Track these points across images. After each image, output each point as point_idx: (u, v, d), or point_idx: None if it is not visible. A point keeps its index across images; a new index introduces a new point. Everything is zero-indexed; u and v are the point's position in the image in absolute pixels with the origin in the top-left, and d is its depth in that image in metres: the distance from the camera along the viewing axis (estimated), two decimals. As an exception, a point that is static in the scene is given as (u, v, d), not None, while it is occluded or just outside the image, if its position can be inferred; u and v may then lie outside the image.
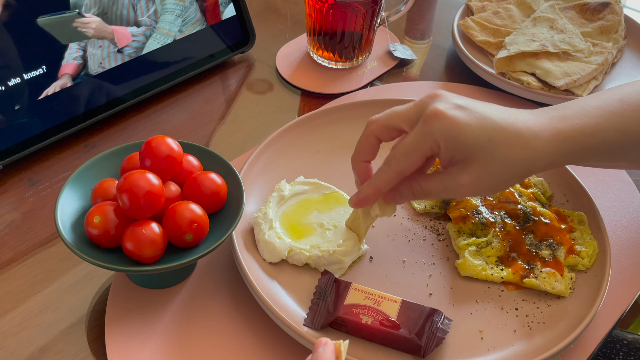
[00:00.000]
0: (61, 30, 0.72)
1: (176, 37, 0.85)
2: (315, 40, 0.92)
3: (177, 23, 0.83)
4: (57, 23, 0.71)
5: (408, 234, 0.70)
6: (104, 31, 0.76)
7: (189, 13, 0.83)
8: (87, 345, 0.60)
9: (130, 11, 0.77)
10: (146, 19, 0.79)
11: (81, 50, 0.77)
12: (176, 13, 0.81)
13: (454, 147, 0.55)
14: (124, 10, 0.76)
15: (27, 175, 0.76)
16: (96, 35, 0.74)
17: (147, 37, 0.80)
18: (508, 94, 0.90)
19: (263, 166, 0.74)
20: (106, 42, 0.78)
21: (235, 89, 0.92)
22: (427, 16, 1.11)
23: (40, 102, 0.76)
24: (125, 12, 0.76)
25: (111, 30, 0.77)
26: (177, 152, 0.61)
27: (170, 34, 0.84)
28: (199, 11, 0.85)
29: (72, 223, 0.59)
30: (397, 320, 0.58)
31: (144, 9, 0.78)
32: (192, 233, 0.58)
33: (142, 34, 0.81)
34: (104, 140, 0.81)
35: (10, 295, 0.64)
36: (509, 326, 0.62)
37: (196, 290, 0.64)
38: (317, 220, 0.68)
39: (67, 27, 0.74)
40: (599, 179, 0.79)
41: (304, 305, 0.62)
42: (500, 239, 0.67)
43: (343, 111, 0.80)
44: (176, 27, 0.83)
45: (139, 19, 0.79)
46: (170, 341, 0.60)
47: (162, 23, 0.80)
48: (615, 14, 0.98)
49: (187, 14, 0.83)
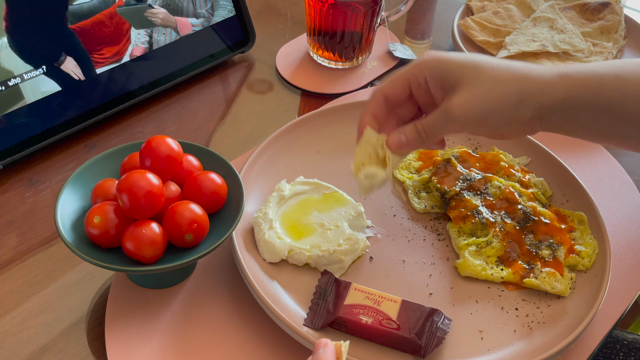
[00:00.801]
0: (135, 18, 0.85)
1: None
2: (315, 40, 0.92)
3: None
4: (133, 12, 0.84)
5: (408, 234, 0.70)
6: (169, 21, 0.87)
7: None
8: (87, 345, 0.60)
9: (189, 4, 0.89)
10: (204, 12, 0.90)
11: (148, 36, 0.86)
12: (228, 9, 0.92)
13: (441, 73, 0.56)
14: (185, 3, 0.88)
15: (27, 175, 0.76)
16: (162, 24, 0.87)
17: (204, 28, 0.91)
18: (508, 94, 0.90)
19: (263, 166, 0.74)
20: (169, 30, 0.88)
21: (235, 89, 0.92)
22: (427, 16, 1.11)
23: (41, 101, 0.76)
24: (185, 4, 0.88)
25: (175, 20, 0.88)
26: (177, 152, 0.61)
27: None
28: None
29: (72, 223, 0.59)
30: (397, 320, 0.58)
31: (202, 2, 0.90)
32: (192, 233, 0.58)
33: (200, 24, 0.90)
34: (104, 140, 0.81)
35: (10, 295, 0.64)
36: (509, 326, 0.62)
37: (196, 290, 0.64)
38: (318, 220, 0.68)
39: (139, 16, 0.85)
40: (599, 178, 0.79)
41: (304, 305, 0.62)
42: (500, 239, 0.67)
43: (343, 111, 0.80)
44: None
45: (197, 11, 0.89)
46: (170, 341, 0.60)
47: (216, 17, 0.92)
48: (615, 14, 0.98)
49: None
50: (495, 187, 0.71)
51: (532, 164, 0.77)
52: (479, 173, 0.73)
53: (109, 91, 0.82)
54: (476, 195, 0.71)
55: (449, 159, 0.74)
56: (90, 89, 0.80)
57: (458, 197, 0.70)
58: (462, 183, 0.72)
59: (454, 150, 0.76)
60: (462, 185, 0.71)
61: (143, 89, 0.85)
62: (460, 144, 0.80)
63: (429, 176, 0.73)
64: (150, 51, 0.85)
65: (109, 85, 0.82)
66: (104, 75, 0.81)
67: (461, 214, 0.69)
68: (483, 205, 0.70)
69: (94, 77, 0.80)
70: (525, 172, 0.75)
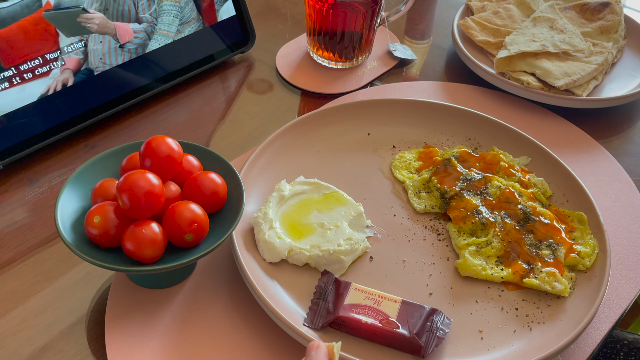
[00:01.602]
0: (65, 24, 0.74)
1: (175, 38, 0.85)
2: (315, 40, 0.92)
3: (174, 24, 0.84)
4: (63, 17, 0.73)
5: (408, 234, 0.70)
6: (107, 27, 0.77)
7: (185, 12, 0.84)
8: (87, 345, 0.60)
9: (131, 8, 0.78)
10: (147, 16, 0.81)
11: (82, 45, 0.78)
12: (173, 14, 0.83)
13: None
14: (125, 7, 0.77)
15: (27, 175, 0.76)
16: (99, 30, 0.76)
17: (149, 35, 0.81)
18: (508, 94, 0.90)
19: (263, 166, 0.73)
20: (107, 37, 0.79)
21: (235, 89, 0.92)
22: (427, 16, 1.11)
23: (41, 101, 0.76)
24: (126, 8, 0.78)
25: (114, 26, 0.78)
26: (177, 152, 0.61)
27: (170, 35, 0.84)
28: (195, 10, 0.85)
29: (72, 223, 0.59)
30: (397, 320, 0.58)
31: (145, 6, 0.79)
32: (192, 233, 0.58)
33: (143, 30, 0.81)
34: (104, 140, 0.81)
35: (10, 295, 0.64)
36: (509, 326, 0.62)
37: (196, 290, 0.64)
38: (317, 220, 0.68)
39: (71, 22, 0.75)
40: (599, 179, 0.79)
41: (304, 305, 0.62)
42: (500, 239, 0.67)
43: (343, 111, 0.80)
44: (174, 28, 0.84)
45: (140, 16, 0.80)
46: (170, 341, 0.60)
47: (160, 25, 0.82)
48: (615, 14, 0.98)
49: (183, 13, 0.84)
50: (495, 187, 0.71)
51: (532, 164, 0.77)
52: (479, 173, 0.73)
53: (109, 91, 0.82)
54: (476, 195, 0.71)
55: (449, 159, 0.74)
56: (90, 89, 0.80)
57: (458, 197, 0.70)
58: (462, 183, 0.72)
59: (454, 150, 0.76)
60: (462, 185, 0.71)
61: (143, 89, 0.85)
62: (460, 144, 0.80)
63: (429, 176, 0.73)
64: (150, 51, 0.85)
65: (109, 85, 0.82)
66: (104, 75, 0.81)
67: (461, 214, 0.69)
68: (483, 205, 0.70)
69: (94, 77, 0.80)
70: (525, 172, 0.75)
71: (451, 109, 0.82)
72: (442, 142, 0.80)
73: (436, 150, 0.78)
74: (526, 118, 0.87)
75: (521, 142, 0.78)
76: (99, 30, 0.76)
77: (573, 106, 0.87)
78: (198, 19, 0.85)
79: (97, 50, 0.78)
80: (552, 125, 0.87)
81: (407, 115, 0.82)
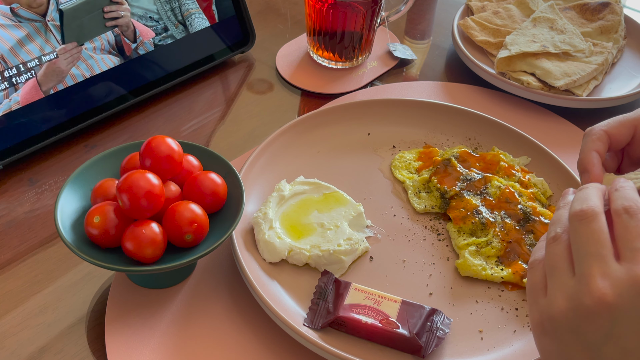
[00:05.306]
0: (76, 25, 0.76)
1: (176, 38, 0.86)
2: (315, 40, 0.92)
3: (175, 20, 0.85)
4: (82, 12, 0.75)
5: (408, 234, 0.70)
6: (129, 24, 0.79)
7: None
8: (87, 345, 0.60)
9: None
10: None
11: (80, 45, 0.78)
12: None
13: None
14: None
15: (27, 175, 0.76)
16: (124, 22, 0.79)
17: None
18: (508, 94, 0.90)
19: (263, 166, 0.73)
20: (106, 37, 0.79)
21: (235, 89, 0.92)
22: (427, 16, 1.11)
23: (40, 101, 0.76)
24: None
25: (133, 25, 0.81)
26: (177, 152, 0.61)
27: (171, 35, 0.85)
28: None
29: (72, 223, 0.59)
30: (397, 320, 0.58)
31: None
32: (192, 233, 0.58)
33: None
34: (104, 140, 0.81)
35: (10, 295, 0.64)
36: (509, 326, 0.62)
37: (196, 290, 0.64)
38: (318, 220, 0.68)
39: (84, 22, 0.77)
40: (599, 179, 0.79)
41: (304, 305, 0.62)
42: (500, 239, 0.67)
43: (343, 111, 0.80)
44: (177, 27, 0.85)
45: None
46: (170, 341, 0.60)
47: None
48: (615, 14, 0.98)
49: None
50: (495, 187, 0.71)
51: (532, 164, 0.77)
52: (479, 173, 0.73)
53: (109, 91, 0.82)
54: (476, 195, 0.71)
55: (449, 159, 0.74)
56: (90, 88, 0.80)
57: (458, 197, 0.70)
58: (462, 183, 0.72)
59: (454, 150, 0.76)
60: (462, 185, 0.71)
61: (143, 88, 0.85)
62: (460, 144, 0.80)
63: (429, 176, 0.73)
64: (150, 51, 0.85)
65: (109, 85, 0.82)
66: (104, 76, 0.81)
67: (461, 214, 0.69)
68: (483, 205, 0.70)
69: (93, 77, 0.80)
70: (525, 172, 0.75)
71: (451, 109, 0.82)
72: (442, 142, 0.80)
73: (436, 150, 0.78)
74: (526, 118, 0.87)
75: (521, 142, 0.78)
76: (123, 23, 0.78)
77: (573, 106, 0.87)
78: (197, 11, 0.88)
79: (96, 50, 0.79)
80: (552, 125, 0.87)
81: (407, 115, 0.82)
